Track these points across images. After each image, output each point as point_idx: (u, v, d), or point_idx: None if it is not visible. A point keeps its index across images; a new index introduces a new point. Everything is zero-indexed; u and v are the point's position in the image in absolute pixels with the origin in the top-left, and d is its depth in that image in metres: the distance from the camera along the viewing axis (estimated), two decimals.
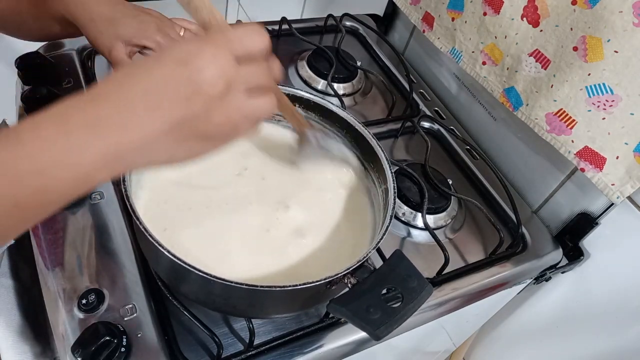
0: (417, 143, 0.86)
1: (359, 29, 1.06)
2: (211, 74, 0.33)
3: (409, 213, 0.73)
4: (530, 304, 0.89)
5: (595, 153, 0.67)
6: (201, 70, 0.33)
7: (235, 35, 0.36)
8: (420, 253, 0.70)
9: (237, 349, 0.55)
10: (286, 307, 0.53)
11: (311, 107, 0.63)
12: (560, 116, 0.69)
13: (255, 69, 0.37)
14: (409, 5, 0.94)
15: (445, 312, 0.68)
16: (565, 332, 0.84)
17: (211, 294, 0.49)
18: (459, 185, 0.81)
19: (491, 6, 0.75)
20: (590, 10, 0.63)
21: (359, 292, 0.45)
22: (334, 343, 0.59)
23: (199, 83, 0.33)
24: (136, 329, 0.53)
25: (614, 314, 0.76)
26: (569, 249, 0.78)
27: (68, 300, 0.54)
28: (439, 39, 0.88)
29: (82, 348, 0.48)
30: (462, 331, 0.94)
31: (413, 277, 0.46)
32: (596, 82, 0.63)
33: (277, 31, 0.97)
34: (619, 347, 0.76)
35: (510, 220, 0.78)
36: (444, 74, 0.97)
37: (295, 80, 0.90)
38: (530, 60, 0.72)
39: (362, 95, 0.92)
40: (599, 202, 0.73)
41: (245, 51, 0.36)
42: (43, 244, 0.58)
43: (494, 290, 0.72)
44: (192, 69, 0.33)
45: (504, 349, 0.99)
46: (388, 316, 0.43)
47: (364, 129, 0.60)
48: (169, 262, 0.44)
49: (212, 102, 0.34)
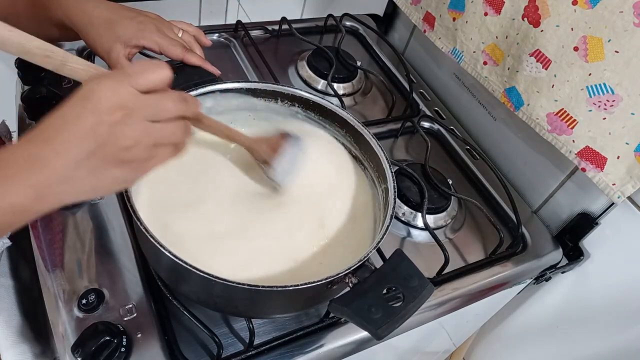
0: (417, 143, 0.86)
1: (359, 29, 1.06)
2: (109, 104, 0.37)
3: (409, 213, 0.73)
4: (530, 304, 0.89)
5: (596, 153, 0.67)
6: (100, 101, 0.37)
7: (134, 70, 0.39)
8: (420, 253, 0.70)
9: (237, 349, 0.55)
10: (287, 307, 0.53)
11: (311, 107, 0.63)
12: (561, 116, 0.69)
13: (159, 97, 0.40)
14: (409, 5, 0.94)
15: (445, 312, 0.68)
16: (565, 332, 0.84)
17: (212, 294, 0.49)
18: (459, 185, 0.81)
19: (492, 6, 0.75)
20: (591, 10, 0.63)
21: (360, 292, 0.45)
22: (334, 343, 0.59)
23: (99, 113, 0.37)
24: (136, 329, 0.53)
25: (614, 314, 0.76)
26: (569, 249, 0.78)
27: (68, 300, 0.53)
28: (440, 39, 0.87)
29: (82, 348, 0.48)
30: (462, 331, 0.94)
31: (414, 276, 0.46)
32: (597, 82, 0.63)
33: (277, 31, 0.97)
34: (619, 347, 0.76)
35: (510, 220, 0.78)
36: (444, 74, 0.97)
37: (295, 80, 0.90)
38: (531, 60, 0.72)
39: (362, 95, 0.92)
40: (599, 202, 0.73)
41: (147, 83, 0.39)
42: (43, 245, 0.58)
43: (494, 290, 0.72)
44: (93, 101, 0.37)
45: (504, 349, 0.99)
46: (389, 315, 0.43)
47: (364, 129, 0.60)
48: (170, 262, 0.44)
49: (115, 129, 0.37)
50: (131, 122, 0.38)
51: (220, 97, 0.60)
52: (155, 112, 0.40)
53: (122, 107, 0.37)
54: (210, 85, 0.59)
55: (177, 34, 0.67)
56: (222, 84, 0.60)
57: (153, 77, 0.40)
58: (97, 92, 0.37)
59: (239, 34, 0.94)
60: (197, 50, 0.67)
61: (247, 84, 0.61)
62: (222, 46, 0.92)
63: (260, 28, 0.97)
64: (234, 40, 0.93)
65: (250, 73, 0.88)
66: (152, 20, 0.64)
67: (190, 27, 0.69)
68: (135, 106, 0.38)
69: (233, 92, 0.61)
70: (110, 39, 0.60)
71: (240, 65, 0.89)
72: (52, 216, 0.60)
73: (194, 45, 0.68)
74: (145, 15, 0.64)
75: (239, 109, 0.63)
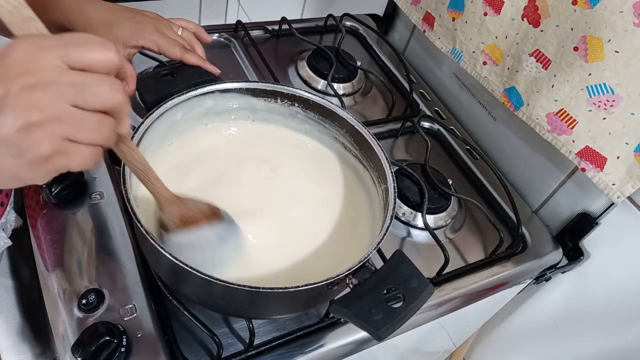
0: (417, 143, 0.86)
1: (359, 29, 1.05)
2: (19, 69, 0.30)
3: (409, 213, 0.73)
4: (530, 304, 0.89)
5: (596, 153, 0.67)
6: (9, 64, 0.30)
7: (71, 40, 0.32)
8: (420, 253, 0.70)
9: (237, 349, 0.55)
10: (287, 308, 0.53)
11: (311, 106, 0.63)
12: (561, 116, 0.69)
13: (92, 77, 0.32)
14: (409, 5, 0.94)
15: (446, 312, 0.68)
16: (565, 332, 0.84)
17: (212, 296, 0.49)
18: (459, 185, 0.81)
19: (492, 6, 0.75)
20: (591, 10, 0.63)
21: (361, 293, 0.45)
22: (334, 343, 0.59)
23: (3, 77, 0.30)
24: (136, 329, 0.53)
25: (613, 313, 0.76)
26: (569, 249, 0.78)
27: (68, 301, 0.53)
28: (440, 39, 0.87)
29: (82, 348, 0.48)
30: (462, 331, 0.94)
31: (414, 277, 0.46)
32: (597, 82, 0.63)
33: (277, 31, 0.97)
34: (619, 347, 0.76)
35: (510, 220, 0.78)
36: (444, 74, 0.97)
37: (295, 80, 0.90)
38: (531, 60, 0.72)
39: (362, 95, 0.92)
40: (599, 202, 0.73)
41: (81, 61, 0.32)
42: (43, 245, 0.58)
43: (494, 290, 0.72)
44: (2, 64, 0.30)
45: (504, 349, 0.99)
46: (390, 317, 0.43)
47: (364, 129, 0.60)
48: (170, 263, 0.43)
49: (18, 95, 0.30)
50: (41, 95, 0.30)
51: (220, 97, 0.60)
52: (81, 93, 0.31)
53: (34, 74, 0.30)
54: (210, 85, 0.59)
55: (177, 32, 0.67)
56: (221, 83, 0.60)
57: (91, 55, 0.32)
58: (11, 52, 0.30)
59: (239, 34, 0.94)
60: (198, 48, 0.67)
61: (247, 83, 0.61)
62: (222, 46, 0.92)
63: (260, 28, 0.97)
64: (234, 40, 0.93)
65: (250, 73, 0.88)
66: (151, 20, 0.64)
67: (190, 24, 0.69)
68: (54, 79, 0.30)
69: (233, 92, 0.61)
70: (109, 39, 0.59)
71: (240, 65, 0.89)
72: (52, 216, 0.60)
73: (195, 43, 0.68)
74: (144, 15, 0.64)
75: (239, 109, 0.63)
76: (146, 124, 0.52)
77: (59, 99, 0.30)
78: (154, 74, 0.64)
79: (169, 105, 0.56)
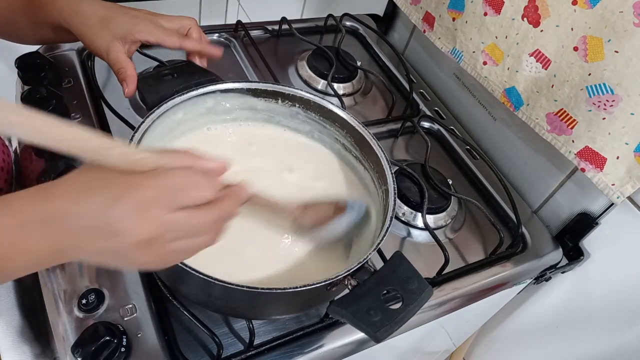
0: (417, 143, 0.86)
1: (359, 29, 1.05)
2: (131, 226, 0.35)
3: (409, 213, 0.73)
4: (530, 304, 0.89)
5: (595, 153, 0.67)
6: (122, 219, 0.35)
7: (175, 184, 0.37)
8: (420, 253, 0.70)
9: (237, 349, 0.55)
10: (286, 308, 0.53)
11: (311, 107, 0.63)
12: (560, 116, 0.69)
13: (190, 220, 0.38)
14: (409, 5, 0.94)
15: (445, 312, 0.68)
16: (565, 332, 0.84)
17: (211, 296, 0.49)
18: (459, 185, 0.81)
19: (492, 6, 0.75)
20: (591, 10, 0.63)
21: (359, 294, 0.45)
22: (334, 343, 0.59)
23: (117, 230, 0.35)
24: (136, 329, 0.53)
25: (614, 313, 0.76)
26: (569, 249, 0.78)
27: (68, 301, 0.53)
28: (440, 39, 0.87)
29: (82, 348, 0.48)
30: (462, 331, 0.94)
31: (413, 278, 0.46)
32: (597, 82, 0.63)
33: (277, 31, 0.97)
34: (619, 347, 0.76)
35: (510, 220, 0.78)
36: (444, 74, 0.97)
37: (295, 80, 0.90)
38: (530, 60, 0.72)
39: (362, 95, 0.92)
40: (599, 202, 0.73)
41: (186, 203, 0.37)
42: None
43: (494, 290, 0.72)
44: (114, 214, 0.35)
45: (504, 349, 0.99)
46: (388, 318, 0.43)
47: (364, 129, 0.60)
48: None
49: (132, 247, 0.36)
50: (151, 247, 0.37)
51: (220, 97, 0.60)
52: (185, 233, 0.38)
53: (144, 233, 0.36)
54: (211, 85, 0.59)
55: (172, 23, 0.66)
56: (222, 83, 0.60)
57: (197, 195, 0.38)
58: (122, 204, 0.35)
59: (239, 34, 0.94)
60: (195, 32, 0.66)
61: (248, 84, 0.61)
62: (222, 46, 0.92)
63: (260, 28, 0.97)
64: (234, 40, 0.93)
65: (250, 73, 0.88)
66: (145, 14, 0.63)
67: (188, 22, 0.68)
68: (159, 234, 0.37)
69: (233, 92, 0.61)
70: (107, 37, 0.59)
71: (240, 65, 0.89)
72: None
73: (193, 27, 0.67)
74: (138, 10, 0.64)
75: (239, 109, 0.63)
76: (146, 124, 0.52)
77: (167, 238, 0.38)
78: (154, 74, 0.64)
79: (169, 105, 0.56)
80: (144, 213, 0.36)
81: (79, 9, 0.59)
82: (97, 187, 0.36)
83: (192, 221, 0.38)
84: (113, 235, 0.36)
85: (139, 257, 0.37)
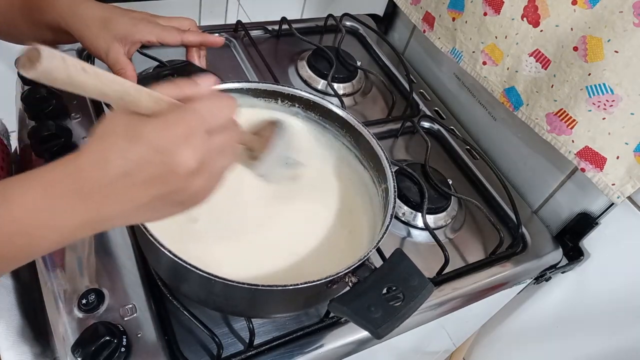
0: (417, 143, 0.86)
1: (359, 29, 1.06)
2: (185, 157, 0.35)
3: (409, 213, 0.73)
4: (530, 304, 0.89)
5: (595, 153, 0.67)
6: (174, 154, 0.35)
7: (206, 111, 0.37)
8: (420, 253, 0.70)
9: (237, 349, 0.55)
10: (287, 306, 0.53)
11: (311, 107, 0.63)
12: (560, 116, 0.69)
13: (227, 138, 0.39)
14: (409, 5, 0.94)
15: (445, 312, 0.68)
16: (565, 332, 0.84)
17: (212, 294, 0.49)
18: (459, 185, 0.81)
19: (491, 6, 0.75)
20: (591, 10, 0.63)
21: (360, 291, 0.45)
22: (334, 343, 0.59)
23: (172, 165, 0.35)
24: (136, 329, 0.53)
25: (614, 314, 0.76)
26: (569, 249, 0.78)
27: (68, 301, 0.53)
28: (440, 39, 0.88)
29: (82, 348, 0.48)
30: (462, 331, 0.94)
31: (414, 275, 0.46)
32: (596, 82, 0.63)
33: (277, 31, 0.97)
34: (619, 347, 0.76)
35: (510, 220, 0.78)
36: (444, 74, 0.97)
37: (295, 80, 0.90)
38: (530, 60, 0.72)
39: (362, 95, 0.92)
40: (599, 202, 0.73)
41: (217, 124, 0.38)
42: None
43: (494, 290, 0.72)
44: (166, 153, 0.34)
45: (504, 349, 0.99)
46: (389, 315, 0.43)
47: (364, 129, 0.60)
48: (169, 261, 0.44)
49: (188, 179, 0.36)
50: (202, 172, 0.37)
51: None
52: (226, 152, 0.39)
53: (195, 159, 0.36)
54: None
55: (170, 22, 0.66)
56: (222, 84, 0.60)
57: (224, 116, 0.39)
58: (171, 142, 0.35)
59: (239, 34, 0.95)
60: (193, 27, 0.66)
61: (247, 84, 0.61)
62: (222, 46, 0.92)
63: (260, 28, 0.97)
64: (234, 40, 0.93)
65: (250, 73, 0.88)
66: (143, 14, 0.64)
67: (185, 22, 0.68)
68: (207, 156, 0.37)
69: (233, 92, 0.61)
70: (107, 38, 0.59)
71: (240, 65, 0.89)
72: None
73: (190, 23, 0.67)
74: (136, 12, 0.64)
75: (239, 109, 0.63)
76: None
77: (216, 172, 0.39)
78: (154, 74, 0.64)
79: None
80: (190, 142, 0.35)
81: (78, 10, 0.60)
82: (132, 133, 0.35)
83: (226, 137, 0.39)
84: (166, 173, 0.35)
85: (192, 185, 0.37)
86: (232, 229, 0.55)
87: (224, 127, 0.39)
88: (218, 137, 0.38)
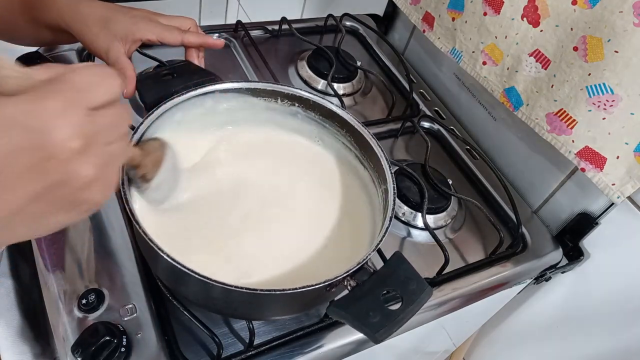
0: (417, 143, 0.86)
1: (359, 29, 1.05)
2: (62, 134, 0.29)
3: (409, 213, 0.73)
4: (530, 304, 0.89)
5: (595, 153, 0.67)
6: (49, 131, 0.28)
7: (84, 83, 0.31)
8: (420, 253, 0.70)
9: (237, 349, 0.55)
10: (286, 309, 0.53)
11: (311, 106, 0.63)
12: (560, 116, 0.69)
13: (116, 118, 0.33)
14: (409, 6, 0.94)
15: (445, 312, 0.68)
16: (565, 332, 0.84)
17: (211, 298, 0.49)
18: (459, 185, 0.81)
19: (491, 6, 0.75)
20: (591, 10, 0.63)
21: (359, 295, 0.45)
22: (334, 343, 0.59)
23: (49, 147, 0.28)
24: (136, 329, 0.53)
25: (614, 314, 0.76)
26: (569, 249, 0.78)
27: (68, 301, 0.54)
28: (439, 39, 0.87)
29: (82, 348, 0.48)
30: (462, 331, 0.94)
31: (413, 279, 0.46)
32: (596, 82, 0.63)
33: (277, 31, 0.97)
34: (619, 347, 0.76)
35: (510, 220, 0.78)
36: (444, 74, 0.97)
37: (295, 80, 0.90)
38: (530, 60, 0.72)
39: (362, 95, 0.92)
40: (599, 202, 0.73)
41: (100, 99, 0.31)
42: (43, 245, 0.58)
43: (494, 290, 0.72)
44: (39, 133, 0.28)
45: (504, 349, 0.99)
46: (388, 319, 0.43)
47: (364, 129, 0.60)
48: (169, 265, 0.43)
49: (71, 163, 0.29)
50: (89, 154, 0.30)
51: (220, 96, 0.60)
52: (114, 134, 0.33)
53: (77, 137, 0.29)
54: (210, 85, 0.59)
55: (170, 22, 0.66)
56: (222, 83, 0.60)
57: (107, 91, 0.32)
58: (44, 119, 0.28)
59: (239, 34, 0.94)
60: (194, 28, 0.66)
61: (247, 83, 0.61)
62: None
63: (260, 28, 0.97)
64: (234, 40, 0.93)
65: (250, 73, 0.88)
66: (144, 12, 0.63)
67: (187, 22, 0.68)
68: (92, 133, 0.30)
69: (233, 92, 0.61)
70: (107, 37, 0.59)
71: (240, 65, 0.89)
72: None
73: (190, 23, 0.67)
74: (137, 10, 0.64)
75: (239, 109, 0.63)
76: (146, 124, 0.52)
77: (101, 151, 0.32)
78: (154, 74, 0.64)
79: (168, 106, 0.56)
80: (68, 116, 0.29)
81: (78, 9, 0.59)
82: None
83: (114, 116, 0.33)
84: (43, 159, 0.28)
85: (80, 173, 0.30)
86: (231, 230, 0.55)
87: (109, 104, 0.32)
88: (103, 115, 0.32)
